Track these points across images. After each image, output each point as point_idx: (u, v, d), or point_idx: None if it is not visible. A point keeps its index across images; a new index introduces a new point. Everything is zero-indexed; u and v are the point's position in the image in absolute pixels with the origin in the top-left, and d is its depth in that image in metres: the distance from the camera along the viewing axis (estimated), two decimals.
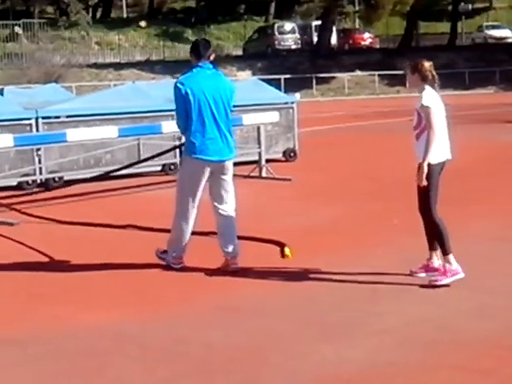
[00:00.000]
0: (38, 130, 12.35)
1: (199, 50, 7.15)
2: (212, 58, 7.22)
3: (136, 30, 53.00)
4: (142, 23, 54.12)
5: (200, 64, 7.11)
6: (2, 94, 14.17)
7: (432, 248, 6.76)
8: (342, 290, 6.53)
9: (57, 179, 12.47)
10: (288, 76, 38.65)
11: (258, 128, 12.67)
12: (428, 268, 6.74)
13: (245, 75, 39.10)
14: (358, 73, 41.88)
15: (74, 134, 11.02)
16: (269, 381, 4.70)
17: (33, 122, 12.40)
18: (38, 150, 12.24)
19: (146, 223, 9.01)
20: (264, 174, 12.67)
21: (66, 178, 12.55)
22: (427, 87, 6.58)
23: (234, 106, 13.36)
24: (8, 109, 12.58)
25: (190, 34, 52.25)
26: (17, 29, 48.93)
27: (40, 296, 6.63)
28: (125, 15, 61.08)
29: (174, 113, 13.08)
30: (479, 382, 4.67)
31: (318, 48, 44.57)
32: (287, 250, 7.57)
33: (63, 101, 13.61)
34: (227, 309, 6.10)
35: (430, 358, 4.97)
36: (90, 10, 59.76)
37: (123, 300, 6.41)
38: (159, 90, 14.98)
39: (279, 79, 37.02)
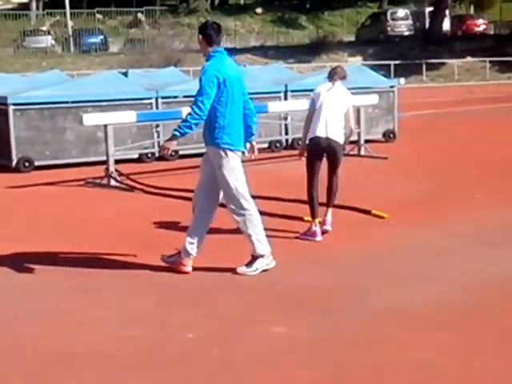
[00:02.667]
0: (157, 109, 13.65)
1: (214, 35, 6.64)
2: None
3: (252, 17, 54.22)
4: (259, 10, 55.31)
5: (218, 49, 6.62)
6: (127, 76, 15.55)
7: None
8: (418, 248, 7.44)
9: (173, 153, 13.72)
10: (398, 62, 39.01)
11: (358, 110, 13.55)
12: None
13: (355, 61, 39.68)
14: (469, 59, 41.78)
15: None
16: (345, 313, 5.68)
17: (153, 101, 13.72)
18: (157, 126, 13.52)
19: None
20: (362, 153, 13.57)
21: (181, 153, 13.82)
22: None
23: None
24: (132, 89, 13.93)
25: (304, 21, 53.22)
26: (139, 15, 51.05)
27: (159, 244, 7.79)
28: (242, 2, 62.45)
29: (280, 94, 14.47)
30: None
31: (430, 34, 44.66)
32: (377, 212, 8.59)
33: (180, 82, 14.86)
34: (314, 260, 7.12)
35: (487, 303, 5.83)
36: None
37: (227, 251, 7.48)
38: (267, 74, 16.11)
39: (389, 65, 37.51)
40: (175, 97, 14.01)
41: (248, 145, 6.95)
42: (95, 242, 7.93)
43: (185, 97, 13.93)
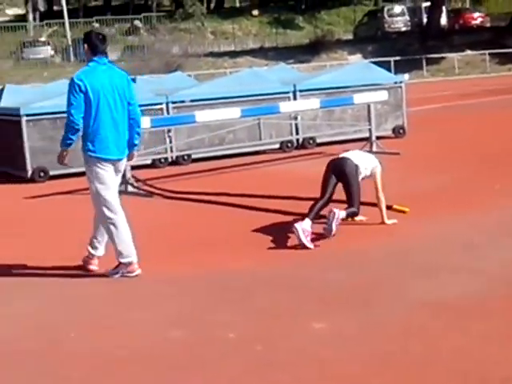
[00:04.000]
0: (168, 114, 13.71)
1: (96, 44, 6.89)
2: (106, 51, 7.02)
3: (249, 19, 54.38)
4: (255, 12, 55.46)
5: (96, 58, 6.84)
6: (135, 82, 15.59)
7: None
8: (442, 241, 7.49)
9: (186, 157, 13.81)
10: (398, 58, 39.13)
11: (368, 106, 13.61)
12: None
13: (355, 59, 39.84)
14: (469, 52, 41.90)
15: (203, 116, 12.25)
16: (380, 306, 5.72)
17: (164, 106, 13.79)
18: (169, 131, 13.58)
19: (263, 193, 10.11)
20: (375, 149, 13.61)
21: (193, 157, 13.90)
22: None
23: (343, 88, 14.44)
24: (141, 95, 13.92)
25: (300, 21, 53.38)
26: (136, 22, 51.16)
27: (189, 247, 7.85)
28: (238, 5, 62.58)
29: (289, 94, 14.53)
30: None
31: (428, 29, 44.79)
32: (398, 207, 8.63)
33: (189, 87, 14.94)
34: (342, 256, 7.18)
35: None
36: (205, 1, 61.57)
37: (256, 250, 7.54)
38: (274, 74, 16.19)
39: (389, 61, 37.57)
40: (183, 101, 14.07)
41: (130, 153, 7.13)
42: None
43: (194, 101, 14.04)
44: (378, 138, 14.41)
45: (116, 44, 48.60)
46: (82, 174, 12.85)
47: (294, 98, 14.69)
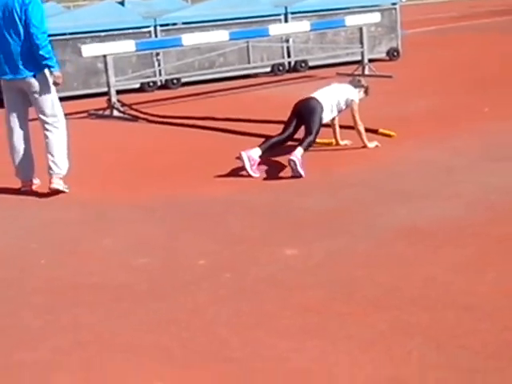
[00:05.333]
0: (156, 37, 13.46)
1: None
2: None
3: None
4: None
5: None
6: (123, 5, 15.28)
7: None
8: (424, 165, 7.36)
9: (175, 81, 13.61)
10: None
11: (361, 29, 13.34)
12: None
13: None
14: None
15: (189, 39, 12.02)
16: (354, 233, 5.63)
17: (151, 29, 13.54)
18: (158, 54, 13.37)
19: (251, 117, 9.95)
20: (367, 72, 13.39)
21: (183, 80, 13.70)
22: None
23: (336, 10, 14.13)
24: (129, 18, 13.71)
25: None
26: None
27: (167, 173, 7.75)
28: None
29: (281, 16, 14.24)
30: None
31: None
32: (384, 131, 8.49)
33: (178, 9, 14.63)
34: (322, 182, 7.07)
35: (495, 217, 5.77)
36: None
37: (231, 178, 7.43)
38: None
39: None
40: (174, 24, 13.78)
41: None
42: (101, 174, 7.91)
43: (183, 23, 13.77)
44: (371, 60, 14.21)
45: None
46: (68, 98, 12.86)
47: (286, 21, 14.40)
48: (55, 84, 7.13)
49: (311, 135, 7.55)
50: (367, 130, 8.60)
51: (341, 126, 8.24)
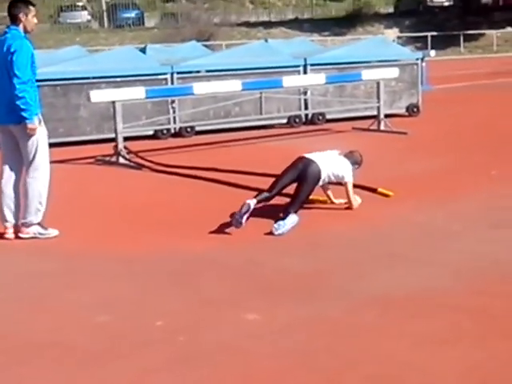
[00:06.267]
0: (172, 84, 13.41)
1: (8, 13, 7.09)
2: (23, 19, 7.02)
3: None
4: None
5: (9, 26, 7.09)
6: (145, 52, 15.32)
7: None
8: (417, 228, 7.13)
9: (189, 129, 13.54)
10: (435, 33, 38.22)
11: (378, 83, 13.19)
12: None
13: (391, 33, 39.05)
14: (509, 29, 40.83)
15: (201, 88, 11.95)
16: (326, 299, 5.40)
17: (168, 76, 13.49)
18: (173, 101, 13.30)
19: (259, 170, 9.77)
20: (382, 128, 13.21)
21: (197, 129, 13.62)
22: None
23: (356, 63, 13.99)
24: (147, 65, 13.71)
25: None
26: None
27: (157, 226, 7.60)
28: None
29: (299, 68, 14.15)
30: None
31: (469, 4, 43.73)
32: (382, 190, 8.28)
33: (198, 57, 14.61)
34: (307, 241, 6.85)
35: (478, 289, 5.51)
36: None
37: (216, 233, 7.24)
38: (289, 48, 15.81)
39: (426, 36, 36.77)
40: (190, 72, 13.77)
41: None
42: (91, 224, 7.79)
43: (198, 72, 13.77)
44: (390, 115, 14.05)
45: (155, 11, 48.45)
46: (81, 142, 12.87)
47: (305, 72, 14.30)
48: (28, 136, 7.03)
49: (299, 202, 7.46)
50: (365, 189, 8.41)
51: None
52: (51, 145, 12.54)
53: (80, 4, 47.39)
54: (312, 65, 14.38)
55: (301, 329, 4.85)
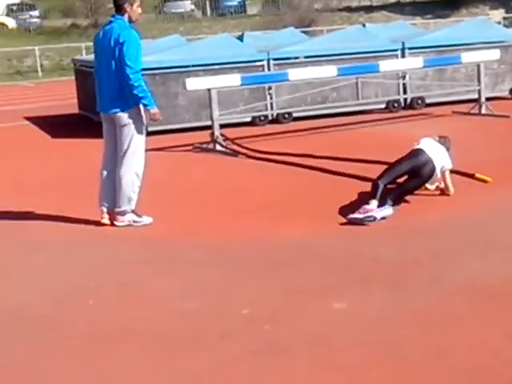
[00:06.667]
0: (269, 71, 13.38)
1: (114, 2, 7.19)
2: (128, 9, 7.08)
3: None
4: None
5: (114, 15, 7.19)
6: (242, 40, 15.30)
7: None
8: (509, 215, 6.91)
9: (286, 116, 13.50)
10: None
11: (478, 66, 12.82)
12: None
13: (497, 14, 37.89)
14: None
15: (296, 74, 11.88)
16: (417, 288, 5.27)
17: (265, 63, 13.46)
18: (270, 88, 13.27)
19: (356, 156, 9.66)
20: (483, 111, 12.85)
21: (294, 115, 13.57)
22: None
23: (456, 45, 13.59)
24: (244, 52, 13.72)
25: None
26: None
27: (251, 213, 7.60)
28: None
29: (397, 52, 13.90)
30: None
31: None
32: (480, 176, 8.06)
33: (295, 43, 14.51)
34: (401, 228, 6.71)
35: None
36: None
37: (317, 219, 7.18)
38: (388, 32, 15.54)
39: None
40: (288, 58, 13.70)
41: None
42: (184, 211, 7.85)
43: (296, 58, 13.69)
44: (493, 99, 13.66)
45: None
46: (180, 130, 12.99)
47: (403, 56, 14.03)
48: (153, 120, 7.18)
49: (403, 194, 7.39)
50: (463, 174, 8.20)
51: None
52: (150, 133, 12.84)
53: None
54: (410, 48, 14.08)
55: (389, 319, 4.75)
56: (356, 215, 6.89)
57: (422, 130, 7.94)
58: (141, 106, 7.08)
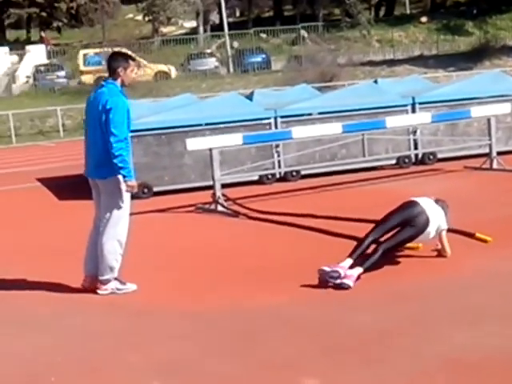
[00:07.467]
0: (276, 129, 13.21)
1: (107, 66, 7.08)
2: (122, 73, 6.94)
3: (416, 26, 52.74)
4: (423, 19, 53.82)
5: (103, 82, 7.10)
6: (252, 97, 15.18)
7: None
8: (510, 281, 6.56)
9: (294, 173, 13.28)
10: None
11: (489, 120, 12.56)
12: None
13: None
14: None
15: (300, 131, 11.68)
16: (394, 362, 4.94)
17: (272, 121, 13.30)
18: (277, 146, 13.08)
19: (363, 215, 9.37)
20: (495, 166, 12.55)
21: (302, 173, 13.34)
22: None
23: (467, 99, 13.33)
24: (251, 110, 13.58)
25: (470, 27, 51.15)
26: (302, 32, 51.00)
27: (238, 278, 7.33)
28: (408, 12, 61.16)
29: (407, 107, 13.68)
30: None
31: None
32: (480, 235, 7.76)
33: (303, 100, 14.34)
34: (385, 293, 6.39)
35: None
36: (373, 9, 60.84)
37: (302, 284, 6.88)
38: (399, 87, 15.35)
39: None
40: (309, 114, 13.53)
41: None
42: (172, 275, 7.61)
43: (301, 115, 13.54)
44: (505, 153, 13.35)
45: (281, 54, 48.73)
46: (186, 190, 12.81)
47: (413, 111, 13.80)
48: (129, 192, 6.97)
49: (393, 246, 7.07)
50: (463, 234, 7.89)
51: None
52: (155, 193, 12.71)
53: (208, 51, 48.25)
54: (421, 103, 13.86)
55: None
56: (324, 268, 6.63)
57: (432, 187, 7.63)
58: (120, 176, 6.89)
